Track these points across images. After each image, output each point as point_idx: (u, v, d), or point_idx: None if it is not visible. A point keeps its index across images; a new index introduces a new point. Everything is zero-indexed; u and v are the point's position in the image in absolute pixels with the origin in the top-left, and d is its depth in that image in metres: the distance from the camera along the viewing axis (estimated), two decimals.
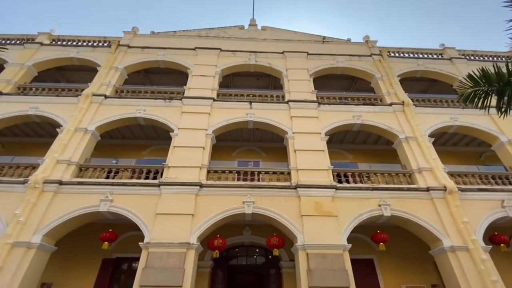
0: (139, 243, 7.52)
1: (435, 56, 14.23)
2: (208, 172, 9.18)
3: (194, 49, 13.17)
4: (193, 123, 10.12)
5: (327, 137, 10.11)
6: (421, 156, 9.63)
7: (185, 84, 11.70)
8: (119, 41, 13.31)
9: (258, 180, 9.16)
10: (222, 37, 14.40)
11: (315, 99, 11.28)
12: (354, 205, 8.43)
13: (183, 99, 10.82)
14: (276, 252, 8.72)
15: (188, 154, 9.27)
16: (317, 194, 8.44)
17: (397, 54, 14.24)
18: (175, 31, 14.69)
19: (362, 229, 9.18)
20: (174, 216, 7.87)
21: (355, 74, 13.56)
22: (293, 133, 10.06)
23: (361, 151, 12.92)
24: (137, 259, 7.69)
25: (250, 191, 8.54)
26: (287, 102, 11.05)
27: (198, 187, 8.44)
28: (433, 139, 10.24)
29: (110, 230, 8.56)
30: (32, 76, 12.30)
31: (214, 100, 10.93)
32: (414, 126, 10.40)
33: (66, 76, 14.00)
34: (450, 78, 13.03)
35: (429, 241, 8.41)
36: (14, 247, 7.18)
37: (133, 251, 8.60)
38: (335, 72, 13.39)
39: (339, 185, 8.81)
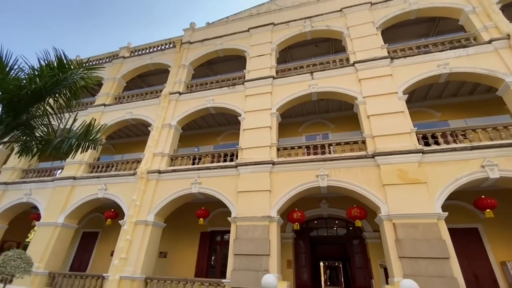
0: (228, 218, 8.50)
1: None
2: (278, 149, 9.43)
3: (247, 30, 13.17)
4: (257, 104, 10.39)
5: (406, 96, 8.88)
6: None
7: (245, 68, 11.95)
8: (181, 40, 14.40)
9: (330, 153, 8.91)
10: (273, 10, 13.87)
11: (386, 54, 9.92)
12: (448, 169, 7.35)
13: (245, 83, 11.15)
14: (358, 223, 8.54)
15: (257, 135, 9.67)
16: (399, 161, 7.68)
17: None
18: (227, 17, 14.94)
19: (460, 195, 8.06)
20: (253, 193, 8.51)
21: (435, 14, 11.20)
22: (364, 97, 9.22)
23: (452, 106, 10.93)
24: (228, 231, 8.79)
25: (323, 165, 8.42)
26: (352, 65, 10.09)
27: (270, 165, 8.81)
28: None
29: (203, 208, 9.96)
30: (123, 87, 14.67)
31: (273, 78, 10.89)
32: None
33: (146, 81, 16.14)
34: None
35: None
36: (137, 225, 9.15)
37: (223, 225, 9.84)
38: (408, 17, 11.35)
39: (426, 148, 7.78)
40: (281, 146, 9.52)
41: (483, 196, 7.56)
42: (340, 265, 23.72)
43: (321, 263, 22.76)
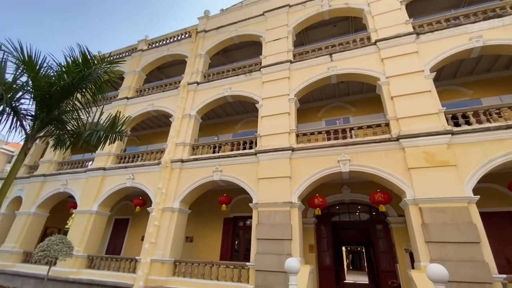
0: (249, 204, 8.68)
1: None
2: (297, 136, 9.34)
3: (262, 14, 12.84)
4: (275, 90, 10.27)
5: (434, 74, 8.33)
6: None
7: (261, 54, 11.75)
8: (196, 29, 14.39)
9: (351, 137, 8.68)
10: None
11: (412, 29, 9.29)
12: (481, 150, 6.91)
13: (261, 69, 11.00)
14: (382, 208, 8.37)
15: (275, 121, 9.61)
16: (426, 143, 7.33)
17: None
18: (241, 2, 14.63)
19: (494, 178, 7.60)
20: (274, 180, 8.57)
21: None
22: (387, 77, 8.77)
23: (486, 82, 10.12)
24: (250, 217, 9.02)
25: (344, 149, 8.24)
26: (374, 43, 9.57)
27: (290, 151, 8.78)
28: None
29: (225, 194, 10.24)
30: (143, 79, 15.07)
31: (291, 62, 10.63)
32: None
33: (165, 73, 16.44)
34: None
35: None
36: (164, 212, 9.62)
37: (245, 211, 10.10)
38: None
39: (456, 129, 7.33)
40: (300, 132, 9.42)
41: None
42: (363, 250, 23.59)
43: (344, 248, 22.77)
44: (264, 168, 8.88)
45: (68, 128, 5.54)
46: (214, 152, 10.47)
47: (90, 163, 12.81)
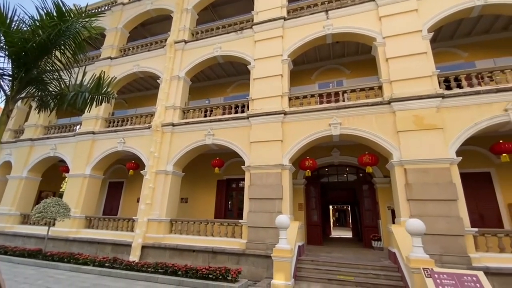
0: (242, 166, 8.88)
1: None
2: (290, 99, 9.22)
3: None
4: (267, 50, 9.82)
5: (431, 34, 8.07)
6: None
7: (253, 9, 10.95)
8: None
9: (344, 100, 8.65)
10: None
11: None
12: (468, 113, 7.06)
13: (253, 27, 10.36)
14: (369, 169, 8.74)
15: (268, 84, 9.38)
16: (416, 107, 7.39)
17: None
18: None
19: (476, 141, 7.90)
20: (266, 143, 8.67)
21: None
22: (384, 38, 8.45)
23: (482, 44, 9.94)
24: (242, 179, 9.30)
25: (336, 113, 8.26)
26: None
27: (282, 115, 8.74)
28: None
29: (218, 158, 10.39)
30: (126, 37, 14.05)
31: (284, 19, 10.01)
32: None
33: (150, 30, 15.26)
34: None
35: None
36: (157, 174, 9.76)
37: (237, 173, 10.37)
38: None
39: (447, 92, 7.37)
40: (292, 95, 9.28)
41: (501, 141, 7.39)
42: (349, 208, 25.19)
43: (331, 206, 24.21)
44: (256, 131, 8.90)
45: (50, 89, 5.26)
46: (205, 116, 10.32)
47: (78, 127, 12.52)
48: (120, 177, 14.23)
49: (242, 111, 9.75)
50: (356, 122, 8.03)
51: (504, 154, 7.31)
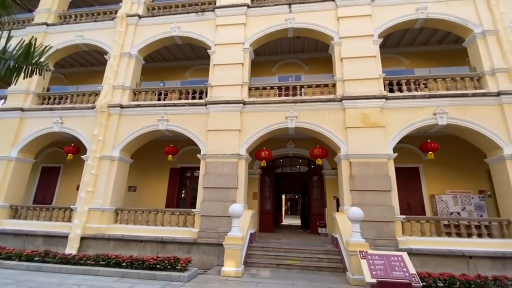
0: (197, 155, 8.63)
1: None
2: (250, 89, 9.19)
3: None
4: (229, 37, 9.56)
5: (381, 40, 8.79)
6: (499, 54, 7.98)
7: None
8: None
9: (301, 95, 8.95)
10: None
11: None
12: (405, 115, 7.96)
13: (215, 10, 9.94)
14: (319, 161, 9.30)
15: (228, 72, 9.17)
16: (364, 106, 8.06)
17: None
18: None
19: (410, 139, 8.94)
20: (224, 132, 8.55)
21: None
22: (340, 38, 8.92)
23: (421, 55, 11.19)
24: (197, 168, 9.05)
25: (293, 106, 8.53)
26: None
27: (241, 104, 8.68)
28: None
29: (171, 145, 9.89)
30: (67, 3, 12.24)
31: (248, 6, 9.82)
32: (497, 16, 8.24)
33: None
34: None
35: (487, 149, 7.89)
36: (102, 160, 8.91)
37: (192, 161, 10.01)
38: None
39: (390, 94, 8.18)
40: (253, 85, 9.26)
41: (428, 141, 8.53)
42: (300, 198, 26.67)
43: (283, 196, 25.31)
44: (214, 120, 8.70)
45: None
46: (159, 99, 9.68)
47: (2, 101, 10.62)
48: (56, 162, 12.62)
49: (200, 97, 9.39)
50: (311, 117, 8.41)
51: (430, 152, 8.45)
